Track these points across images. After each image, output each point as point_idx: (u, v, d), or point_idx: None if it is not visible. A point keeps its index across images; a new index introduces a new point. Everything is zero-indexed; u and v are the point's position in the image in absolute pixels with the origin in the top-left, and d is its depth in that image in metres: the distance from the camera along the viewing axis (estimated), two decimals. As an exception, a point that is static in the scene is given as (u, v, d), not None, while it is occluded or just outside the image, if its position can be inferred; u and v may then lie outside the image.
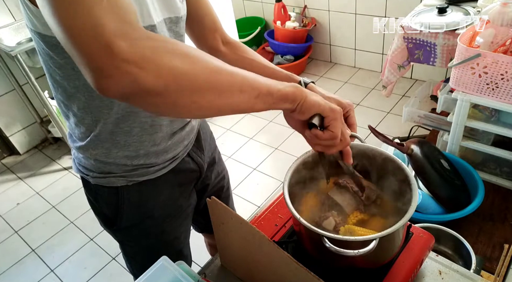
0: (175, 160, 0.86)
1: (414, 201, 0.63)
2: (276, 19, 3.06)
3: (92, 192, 0.84)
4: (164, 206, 0.89)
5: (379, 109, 2.64)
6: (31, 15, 0.60)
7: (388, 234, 0.59)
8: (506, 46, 1.29)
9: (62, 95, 0.72)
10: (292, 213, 0.64)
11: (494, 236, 1.43)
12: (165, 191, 0.87)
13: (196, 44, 0.91)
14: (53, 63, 0.66)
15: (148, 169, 0.81)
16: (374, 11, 2.69)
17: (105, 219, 0.88)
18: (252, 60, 0.87)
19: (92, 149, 0.76)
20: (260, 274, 0.71)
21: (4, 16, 2.41)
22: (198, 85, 0.47)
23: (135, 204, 0.85)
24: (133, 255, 0.98)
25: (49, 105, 2.32)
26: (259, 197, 2.18)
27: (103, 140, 0.75)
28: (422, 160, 1.43)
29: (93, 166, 0.79)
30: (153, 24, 0.67)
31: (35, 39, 0.65)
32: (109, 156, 0.77)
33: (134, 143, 0.77)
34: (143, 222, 0.88)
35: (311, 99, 0.58)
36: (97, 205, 0.86)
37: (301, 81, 0.82)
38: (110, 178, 0.80)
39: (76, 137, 0.78)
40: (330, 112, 0.60)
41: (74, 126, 0.76)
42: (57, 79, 0.69)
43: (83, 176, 0.83)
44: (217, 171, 1.06)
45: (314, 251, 0.70)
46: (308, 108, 0.58)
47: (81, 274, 1.93)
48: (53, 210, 2.32)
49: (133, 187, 0.82)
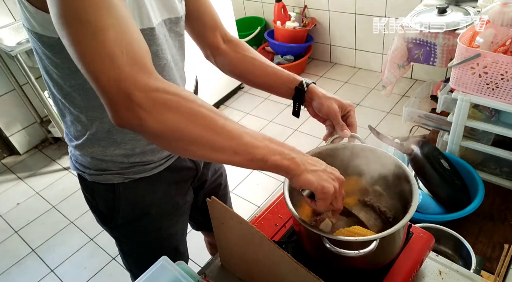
0: (171, 157, 0.86)
1: (414, 201, 0.63)
2: (276, 19, 3.06)
3: (88, 189, 0.85)
4: (160, 203, 0.89)
5: (379, 109, 2.64)
6: (28, 15, 0.60)
7: (389, 234, 0.59)
8: (506, 46, 1.29)
9: (58, 94, 0.72)
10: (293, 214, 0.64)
11: (494, 236, 1.43)
12: (161, 188, 0.88)
13: (197, 43, 0.90)
14: (49, 63, 0.66)
15: (144, 166, 0.82)
16: (374, 11, 2.69)
17: (102, 216, 0.88)
18: (254, 59, 0.87)
19: (88, 147, 0.77)
20: (260, 274, 0.71)
21: (4, 16, 2.41)
22: (193, 140, 0.53)
23: (132, 201, 0.85)
24: (129, 252, 0.98)
25: (49, 105, 2.32)
26: (259, 197, 2.18)
27: (100, 138, 0.75)
28: (422, 160, 1.43)
29: (90, 163, 0.80)
30: (152, 27, 0.68)
31: (31, 38, 0.65)
32: (105, 153, 0.77)
33: (131, 141, 0.77)
34: (140, 219, 0.89)
35: (305, 178, 0.59)
36: (94, 202, 0.86)
37: (302, 82, 0.82)
38: (107, 175, 0.80)
39: (72, 136, 0.79)
40: (321, 194, 0.61)
41: (70, 124, 0.77)
42: (54, 78, 0.69)
43: (80, 173, 0.83)
44: (214, 168, 1.06)
45: (314, 251, 0.70)
46: (300, 184, 0.60)
47: (81, 274, 1.93)
48: (53, 210, 2.32)
49: (130, 184, 0.83)
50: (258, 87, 0.88)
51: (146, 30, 0.67)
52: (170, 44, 0.76)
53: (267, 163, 0.57)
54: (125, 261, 1.01)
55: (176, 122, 0.51)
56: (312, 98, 0.81)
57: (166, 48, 0.74)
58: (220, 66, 0.91)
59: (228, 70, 0.90)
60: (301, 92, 0.82)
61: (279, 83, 0.85)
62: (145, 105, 0.49)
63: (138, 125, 0.50)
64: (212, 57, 0.91)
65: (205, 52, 0.92)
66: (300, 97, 0.83)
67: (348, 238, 0.61)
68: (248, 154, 0.56)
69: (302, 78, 0.83)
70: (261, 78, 0.87)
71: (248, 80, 0.89)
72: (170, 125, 0.51)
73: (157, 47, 0.70)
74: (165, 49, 0.73)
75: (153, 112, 0.49)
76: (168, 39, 0.75)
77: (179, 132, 0.52)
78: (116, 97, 0.49)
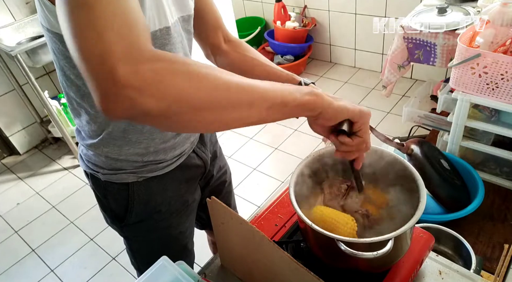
0: (182, 156, 0.87)
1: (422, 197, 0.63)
2: (276, 19, 3.06)
3: (101, 189, 0.85)
4: (171, 201, 0.90)
5: (379, 109, 2.64)
6: (48, 13, 0.60)
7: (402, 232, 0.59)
8: (506, 46, 1.29)
9: (75, 94, 0.72)
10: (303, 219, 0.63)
11: (494, 236, 1.43)
12: (172, 187, 0.89)
13: (198, 41, 0.91)
14: (68, 63, 0.66)
15: (157, 165, 0.83)
16: (374, 11, 2.69)
17: (113, 215, 0.89)
18: (254, 59, 0.87)
19: (104, 146, 0.77)
20: (260, 274, 0.71)
21: (4, 16, 2.41)
22: (201, 104, 0.46)
23: (144, 199, 0.86)
24: (138, 250, 0.99)
25: (49, 105, 2.32)
26: (259, 197, 2.18)
27: (116, 138, 0.76)
28: (422, 160, 1.43)
29: (104, 162, 0.80)
30: (168, 26, 0.68)
31: (50, 38, 0.65)
32: (120, 153, 0.78)
33: (145, 140, 0.78)
34: (151, 217, 0.90)
35: (337, 105, 0.55)
36: (106, 201, 0.87)
37: (301, 82, 0.82)
38: (121, 174, 0.81)
39: (86, 135, 0.79)
40: (360, 116, 0.57)
41: (85, 123, 0.77)
42: (71, 78, 0.69)
43: (93, 172, 0.84)
44: (219, 165, 1.07)
45: (320, 251, 0.70)
46: (335, 115, 0.55)
47: (81, 274, 1.93)
48: (53, 210, 2.32)
49: (143, 183, 0.84)
50: None
51: (163, 29, 0.67)
52: (184, 42, 0.77)
53: (287, 105, 0.51)
54: (133, 260, 1.02)
55: (178, 91, 0.44)
56: None
57: (180, 46, 0.75)
58: (220, 66, 0.91)
59: (228, 70, 0.90)
60: None
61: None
62: (134, 81, 0.42)
63: (131, 108, 0.43)
64: (212, 57, 0.91)
65: (205, 51, 0.92)
66: None
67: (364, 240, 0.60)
68: (265, 101, 0.50)
69: (301, 78, 0.83)
70: (260, 78, 0.86)
71: None
72: (171, 96, 0.44)
73: (172, 46, 0.71)
74: (179, 48, 0.74)
75: (147, 88, 0.42)
76: (181, 37, 0.75)
77: (186, 100, 0.45)
78: (101, 77, 0.42)
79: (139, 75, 0.42)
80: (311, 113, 0.55)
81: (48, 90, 2.39)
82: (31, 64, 2.26)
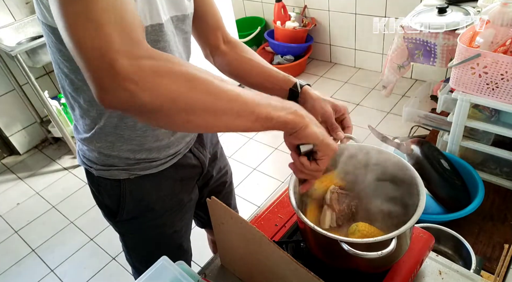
0: (176, 155, 0.87)
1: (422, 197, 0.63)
2: (276, 19, 3.06)
3: (95, 184, 0.86)
4: (165, 199, 0.90)
5: (379, 109, 2.64)
6: (42, 7, 0.61)
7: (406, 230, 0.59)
8: (506, 46, 1.29)
9: (69, 87, 0.73)
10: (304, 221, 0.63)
11: (494, 236, 1.43)
12: (166, 185, 0.89)
13: (198, 41, 0.91)
14: (61, 56, 0.67)
15: (150, 163, 0.83)
16: (374, 11, 2.69)
17: (107, 211, 0.89)
18: (251, 60, 0.88)
19: (96, 141, 0.78)
20: (260, 274, 0.71)
21: (4, 16, 2.41)
22: (193, 107, 0.48)
23: (137, 197, 0.86)
24: (133, 247, 0.99)
25: (49, 105, 2.32)
26: (259, 197, 2.18)
27: (108, 133, 0.76)
28: (422, 160, 1.43)
29: (97, 158, 0.81)
30: (161, 23, 0.68)
31: (45, 31, 0.66)
32: (113, 149, 0.78)
33: (138, 137, 0.78)
34: (144, 214, 0.90)
35: (310, 130, 0.58)
36: (100, 196, 0.88)
37: (297, 83, 0.82)
38: (113, 170, 0.81)
39: (80, 129, 0.80)
40: (325, 149, 0.60)
41: (79, 117, 0.77)
42: (65, 72, 0.70)
43: (87, 167, 0.85)
44: (219, 166, 1.06)
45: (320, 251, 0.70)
46: (305, 137, 0.59)
47: (81, 274, 1.93)
48: (53, 210, 2.32)
49: (135, 180, 0.84)
50: (255, 87, 0.89)
51: (156, 25, 0.68)
52: (177, 41, 0.77)
53: (272, 120, 0.54)
54: (128, 257, 1.02)
55: (172, 91, 0.46)
56: (306, 100, 0.80)
57: (173, 44, 0.75)
58: (219, 66, 0.92)
59: (226, 71, 0.91)
60: (295, 94, 0.82)
61: (274, 84, 0.85)
62: (133, 75, 0.44)
63: (128, 101, 0.45)
64: (211, 57, 0.92)
65: (205, 51, 0.92)
66: (294, 99, 0.83)
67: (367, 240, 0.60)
68: (252, 113, 0.52)
69: (297, 79, 0.83)
70: (257, 78, 0.87)
71: (245, 80, 0.89)
72: (165, 95, 0.46)
73: (165, 43, 0.71)
74: (172, 46, 0.74)
75: (144, 83, 0.44)
76: (175, 36, 0.76)
77: (179, 101, 0.47)
78: (100, 69, 0.43)
79: (138, 70, 0.44)
80: (290, 131, 0.58)
81: (48, 90, 2.39)
82: (31, 64, 2.26)
